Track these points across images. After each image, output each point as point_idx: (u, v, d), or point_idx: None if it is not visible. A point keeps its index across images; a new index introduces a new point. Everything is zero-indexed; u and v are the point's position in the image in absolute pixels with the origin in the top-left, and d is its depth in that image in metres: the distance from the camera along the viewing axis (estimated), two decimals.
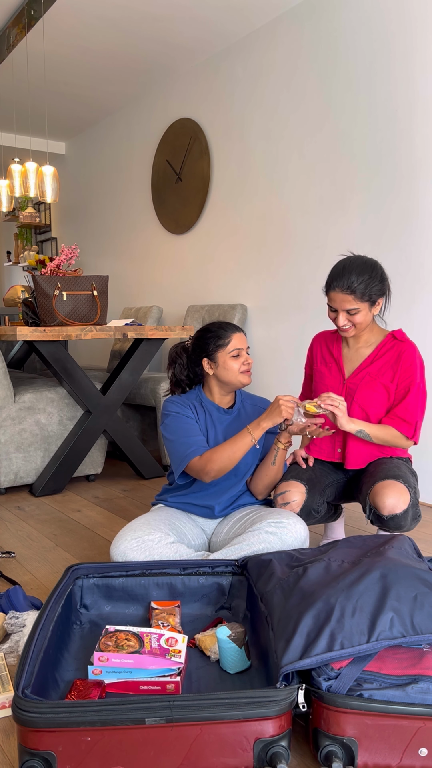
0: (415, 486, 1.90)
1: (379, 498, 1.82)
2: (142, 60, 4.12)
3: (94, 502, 3.01)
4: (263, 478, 2.03)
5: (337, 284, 1.89)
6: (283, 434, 1.96)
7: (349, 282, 1.87)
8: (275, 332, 3.70)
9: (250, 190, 3.81)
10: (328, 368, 2.09)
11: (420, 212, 2.86)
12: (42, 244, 6.57)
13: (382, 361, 1.99)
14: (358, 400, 1.98)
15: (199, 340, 2.00)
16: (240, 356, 1.97)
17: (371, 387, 1.97)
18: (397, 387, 1.95)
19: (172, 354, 2.08)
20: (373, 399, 1.96)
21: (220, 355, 1.96)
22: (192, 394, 2.07)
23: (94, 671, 1.37)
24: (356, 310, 1.90)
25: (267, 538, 1.80)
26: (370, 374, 1.99)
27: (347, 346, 2.07)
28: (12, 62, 4.09)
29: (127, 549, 1.80)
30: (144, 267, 4.93)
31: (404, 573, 1.36)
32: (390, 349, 1.99)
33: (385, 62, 2.96)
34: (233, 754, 1.15)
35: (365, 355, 2.03)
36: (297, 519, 1.85)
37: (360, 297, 1.88)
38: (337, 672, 1.21)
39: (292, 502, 1.94)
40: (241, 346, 1.97)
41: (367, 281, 1.88)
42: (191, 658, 1.51)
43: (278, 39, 3.53)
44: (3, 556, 2.30)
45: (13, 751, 1.25)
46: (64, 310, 3.03)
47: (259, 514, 1.92)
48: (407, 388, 1.94)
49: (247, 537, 1.82)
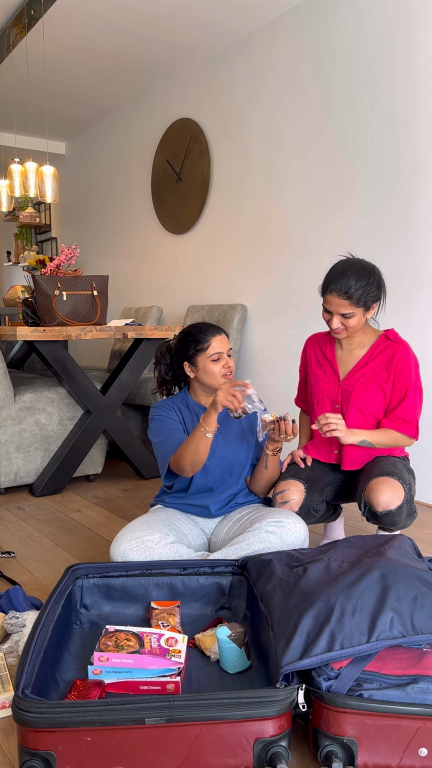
0: (410, 483, 1.90)
1: (374, 494, 1.83)
2: (142, 60, 4.12)
3: (94, 502, 3.01)
4: (260, 480, 2.03)
5: (335, 287, 1.89)
6: (269, 440, 1.94)
7: (347, 287, 1.87)
8: (275, 332, 3.70)
9: (250, 190, 3.81)
10: (323, 371, 2.09)
11: (420, 213, 2.86)
12: (42, 244, 6.57)
13: (376, 362, 1.99)
14: (355, 401, 1.98)
15: (180, 342, 1.98)
16: (220, 360, 1.94)
17: (367, 388, 1.98)
18: (393, 387, 1.96)
19: (157, 354, 2.07)
20: (369, 400, 1.97)
21: (200, 359, 1.94)
22: (178, 397, 2.06)
23: (94, 671, 1.37)
24: (351, 314, 1.91)
25: (267, 537, 1.80)
26: (365, 375, 1.99)
27: (340, 348, 2.08)
28: (12, 62, 4.09)
29: (126, 549, 1.80)
30: (144, 267, 4.93)
31: (404, 573, 1.36)
32: (384, 349, 2.00)
33: (385, 62, 2.96)
34: (233, 754, 1.15)
35: (359, 356, 2.03)
36: (297, 518, 1.85)
37: (356, 303, 1.89)
38: (337, 672, 1.21)
39: (291, 501, 1.94)
40: (221, 349, 1.94)
41: (365, 287, 1.88)
42: (191, 658, 1.51)
43: (279, 39, 3.53)
44: (3, 556, 2.30)
45: (13, 751, 1.25)
46: (64, 310, 3.03)
47: (259, 514, 1.92)
48: (405, 388, 1.94)
49: (247, 537, 1.82)
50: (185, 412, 2.03)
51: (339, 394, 2.02)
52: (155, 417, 1.99)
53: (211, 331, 1.94)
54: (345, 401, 2.00)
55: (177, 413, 2.01)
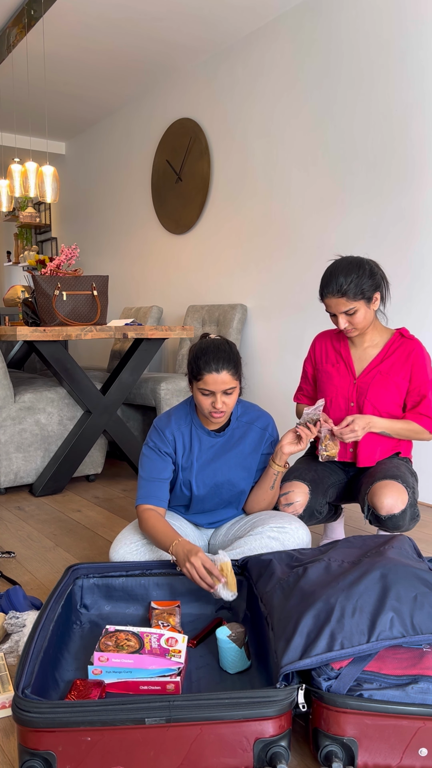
0: (413, 486, 1.90)
1: (377, 498, 1.82)
2: (142, 60, 4.12)
3: (94, 502, 3.01)
4: (260, 502, 1.94)
5: (328, 290, 1.91)
6: (279, 455, 1.84)
7: (338, 285, 1.88)
8: (275, 332, 3.70)
9: (250, 190, 3.81)
10: (336, 368, 2.08)
11: (420, 212, 2.86)
12: (42, 244, 6.57)
13: (392, 359, 1.99)
14: (371, 398, 1.98)
15: (189, 356, 1.83)
16: (210, 396, 1.76)
17: (382, 385, 1.97)
18: (411, 384, 1.97)
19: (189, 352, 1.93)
20: (385, 397, 1.97)
21: (195, 385, 1.78)
22: (186, 412, 1.92)
23: (94, 671, 1.37)
24: (353, 309, 1.91)
25: (269, 543, 1.79)
26: (381, 372, 1.99)
27: (354, 346, 2.07)
28: (12, 62, 4.09)
29: (126, 554, 1.80)
30: (144, 267, 4.93)
31: (404, 573, 1.36)
32: (399, 346, 2.00)
33: (385, 62, 2.96)
34: (233, 754, 1.15)
35: (373, 354, 2.03)
36: (300, 524, 1.84)
37: (353, 297, 1.89)
38: (337, 672, 1.21)
39: (296, 503, 1.93)
40: (213, 389, 1.73)
41: (356, 280, 1.89)
42: (191, 658, 1.51)
43: (278, 39, 3.53)
44: (3, 556, 2.30)
45: (13, 751, 1.25)
46: (64, 310, 3.03)
47: (261, 518, 1.89)
48: (423, 385, 1.95)
49: (248, 540, 1.80)
50: (186, 436, 1.89)
51: (354, 392, 2.01)
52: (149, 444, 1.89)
53: (210, 366, 1.73)
54: (361, 398, 2.00)
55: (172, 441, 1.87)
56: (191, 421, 1.90)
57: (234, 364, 1.76)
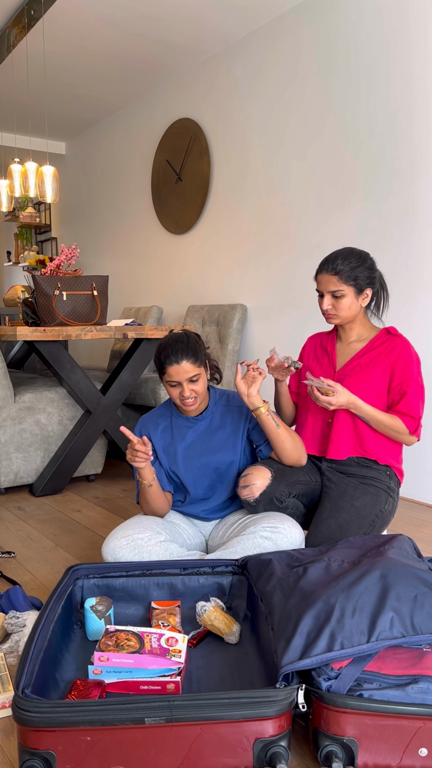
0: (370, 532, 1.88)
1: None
2: (142, 60, 4.12)
3: (94, 502, 3.01)
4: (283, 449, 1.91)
5: (324, 267, 1.94)
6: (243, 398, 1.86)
7: (334, 264, 1.92)
8: (275, 332, 3.70)
9: (250, 190, 3.81)
10: (319, 363, 2.10)
11: (420, 212, 2.86)
12: (42, 244, 6.57)
13: (374, 353, 1.99)
14: (348, 389, 1.97)
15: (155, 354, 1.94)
16: (178, 386, 1.86)
17: (361, 377, 1.97)
18: (393, 382, 1.95)
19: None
20: (363, 389, 1.95)
21: (163, 379, 1.89)
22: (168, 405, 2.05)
23: (95, 671, 1.37)
24: (341, 293, 1.92)
25: (262, 543, 1.79)
26: (360, 365, 1.99)
27: (340, 341, 2.09)
28: (12, 62, 4.09)
29: (116, 547, 1.81)
30: (144, 267, 4.93)
31: (404, 573, 1.36)
32: (383, 342, 2.00)
33: (385, 62, 2.96)
34: (233, 754, 1.15)
35: (358, 348, 2.03)
36: (293, 523, 1.83)
37: (345, 279, 1.90)
38: (337, 672, 1.21)
39: (253, 486, 1.89)
40: (178, 379, 1.83)
41: (354, 265, 1.90)
42: (191, 658, 1.51)
43: (279, 39, 3.53)
44: (3, 556, 2.30)
45: (13, 751, 1.25)
46: (64, 310, 3.03)
47: (254, 518, 1.90)
48: (407, 383, 1.92)
49: (241, 540, 1.81)
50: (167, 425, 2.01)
51: None
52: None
53: (170, 359, 1.82)
54: None
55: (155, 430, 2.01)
56: (171, 413, 2.03)
57: (193, 352, 1.83)
